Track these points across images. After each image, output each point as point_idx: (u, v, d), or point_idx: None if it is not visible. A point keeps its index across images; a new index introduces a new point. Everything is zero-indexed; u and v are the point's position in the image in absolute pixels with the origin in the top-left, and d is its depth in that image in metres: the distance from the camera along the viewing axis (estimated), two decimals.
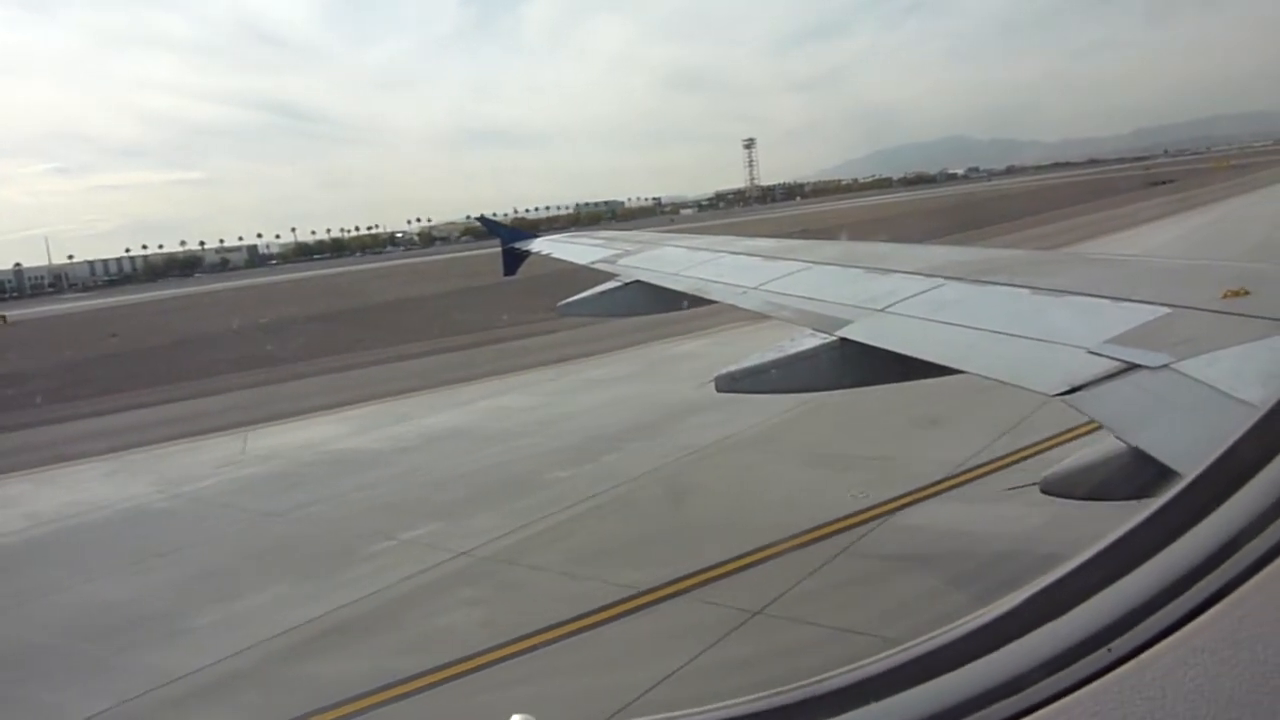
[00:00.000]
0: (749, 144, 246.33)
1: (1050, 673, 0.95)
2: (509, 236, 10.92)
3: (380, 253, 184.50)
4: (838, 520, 7.76)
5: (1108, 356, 2.77)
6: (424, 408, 15.74)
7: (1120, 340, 2.85)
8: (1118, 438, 2.42)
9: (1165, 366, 2.54)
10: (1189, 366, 2.46)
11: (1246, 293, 2.85)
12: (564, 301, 7.71)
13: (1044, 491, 3.05)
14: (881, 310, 4.08)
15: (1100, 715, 0.90)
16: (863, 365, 3.93)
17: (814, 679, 1.08)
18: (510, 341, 23.58)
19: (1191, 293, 3.05)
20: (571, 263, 8.94)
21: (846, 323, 4.07)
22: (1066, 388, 2.69)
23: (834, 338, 4.00)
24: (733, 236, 8.33)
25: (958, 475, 8.66)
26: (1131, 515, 1.05)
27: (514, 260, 10.45)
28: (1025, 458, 8.89)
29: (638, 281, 6.96)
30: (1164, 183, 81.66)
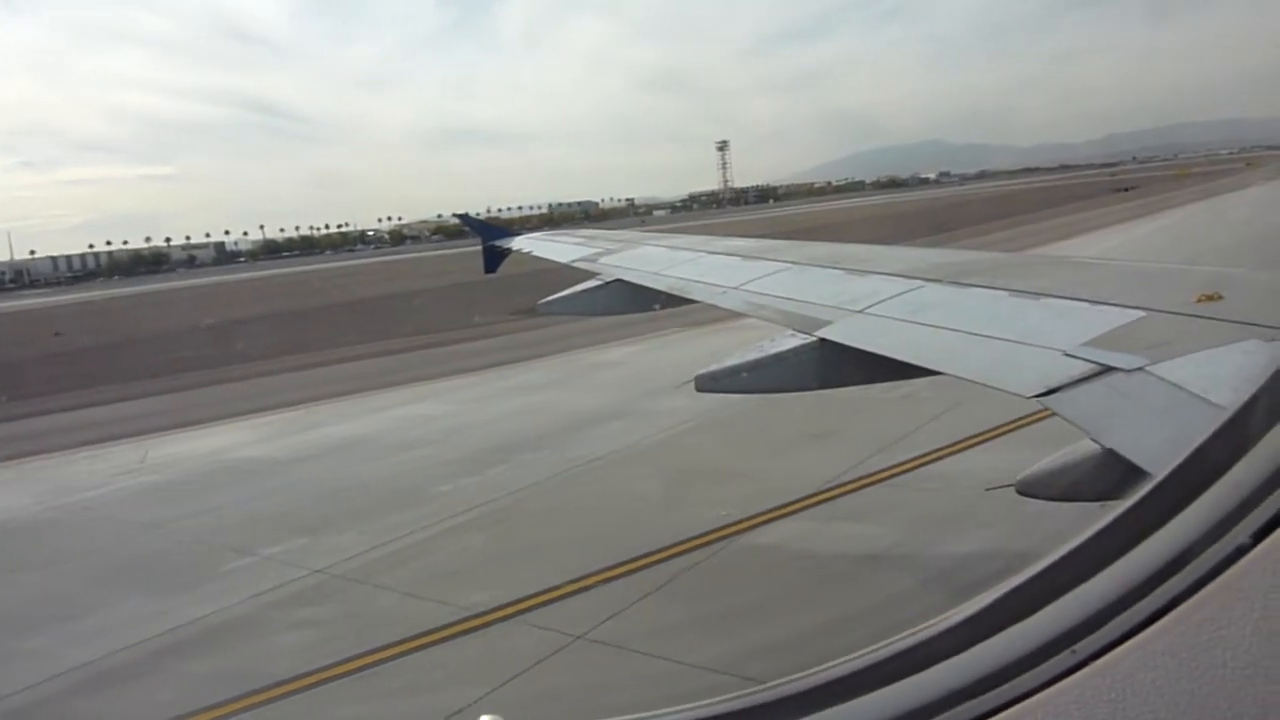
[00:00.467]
0: (722, 146, 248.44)
1: (1016, 674, 0.97)
2: (489, 234, 10.94)
3: (351, 251, 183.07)
4: (692, 539, 7.81)
5: (1083, 359, 2.80)
6: (339, 415, 15.83)
7: (1096, 343, 2.89)
8: (1092, 439, 2.45)
9: (1140, 369, 2.57)
10: (1163, 369, 2.49)
11: (1220, 296, 2.89)
12: (544, 300, 7.70)
13: (1020, 493, 3.06)
14: (860, 311, 4.09)
15: (1064, 715, 0.91)
16: (841, 366, 3.95)
17: (785, 679, 1.09)
18: (460, 344, 23.55)
19: (1166, 296, 3.09)
20: (551, 261, 8.92)
21: (826, 323, 4.09)
22: (1043, 389, 2.72)
23: (813, 338, 4.02)
24: (712, 236, 8.40)
25: (824, 491, 8.72)
26: (1098, 518, 1.06)
27: (494, 258, 10.48)
28: (889, 476, 9.03)
29: (618, 280, 6.96)
30: (1128, 189, 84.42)
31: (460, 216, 12.81)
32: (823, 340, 3.96)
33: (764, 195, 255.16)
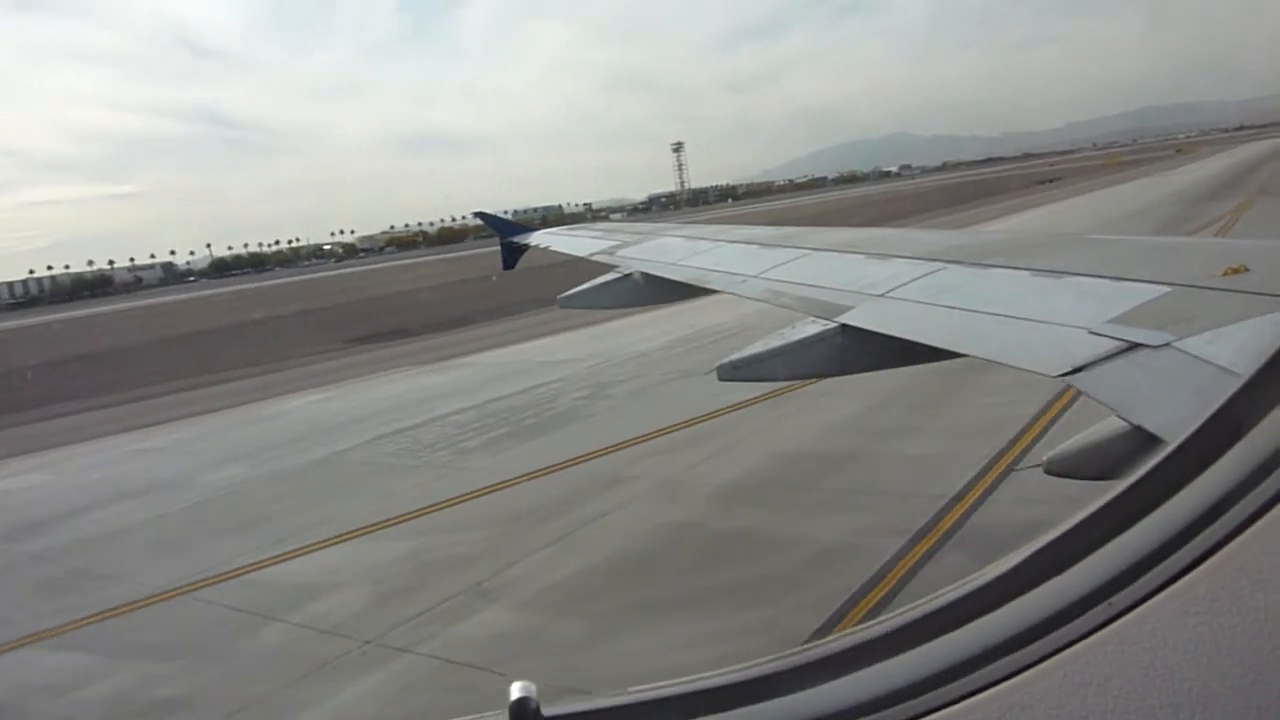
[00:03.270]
0: (677, 147, 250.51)
1: (1053, 628, 0.98)
2: (506, 231, 11.05)
3: (305, 266, 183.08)
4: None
5: (1109, 336, 2.77)
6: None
7: (1121, 320, 2.86)
8: (1120, 417, 2.42)
9: (1166, 345, 2.55)
10: (1190, 345, 2.47)
11: (1246, 269, 2.88)
12: (564, 294, 7.74)
13: (1047, 473, 3.06)
14: (881, 296, 4.09)
15: (1103, 666, 0.93)
16: (864, 351, 3.95)
17: (823, 640, 1.11)
18: (239, 381, 24.44)
19: (1191, 271, 3.08)
20: (570, 254, 8.97)
21: (847, 309, 4.08)
22: (1069, 368, 2.70)
23: (835, 324, 4.02)
24: (731, 226, 8.47)
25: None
26: (1132, 472, 1.10)
27: (512, 254, 10.57)
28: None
29: (637, 272, 7.01)
30: (1050, 181, 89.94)
31: (479, 214, 12.89)
32: (844, 326, 3.97)
33: (724, 195, 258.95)
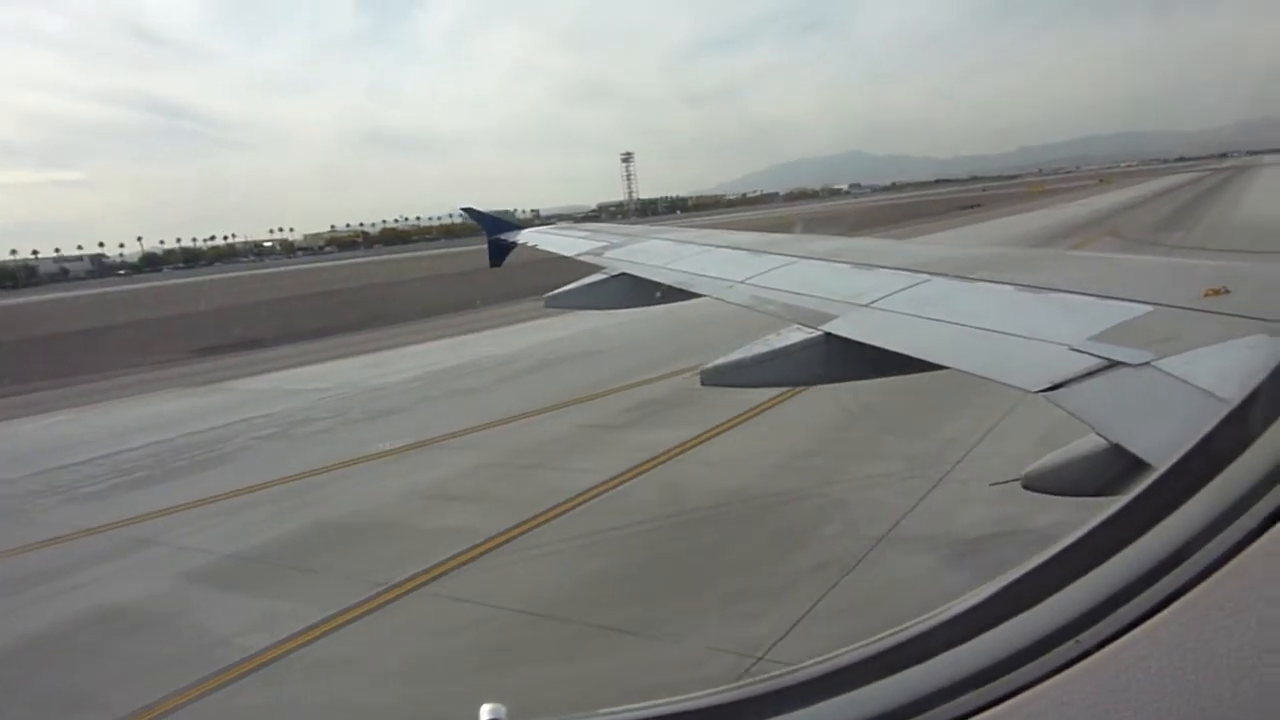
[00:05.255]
0: (626, 157, 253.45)
1: (1020, 664, 0.97)
2: (494, 228, 11.00)
3: (239, 263, 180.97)
4: None
5: (1090, 354, 2.80)
6: None
7: (1102, 338, 2.88)
8: (1098, 434, 2.45)
9: (1146, 364, 2.57)
10: (1170, 364, 2.50)
11: (1226, 291, 2.91)
12: (551, 294, 7.73)
13: (1025, 487, 3.07)
14: (867, 305, 4.12)
15: (1067, 705, 0.91)
16: (847, 360, 3.98)
17: (784, 670, 1.10)
18: (95, 383, 24.83)
19: (1173, 291, 3.11)
20: (557, 254, 8.92)
21: (832, 317, 4.11)
22: (1048, 384, 2.72)
23: (819, 332, 4.05)
24: (719, 230, 8.45)
25: None
26: (1101, 509, 1.08)
27: (500, 251, 10.56)
28: None
29: (624, 274, 6.98)
30: (972, 206, 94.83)
31: (466, 210, 12.98)
32: (829, 335, 4.01)
33: (673, 206, 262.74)
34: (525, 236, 10.43)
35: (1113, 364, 2.69)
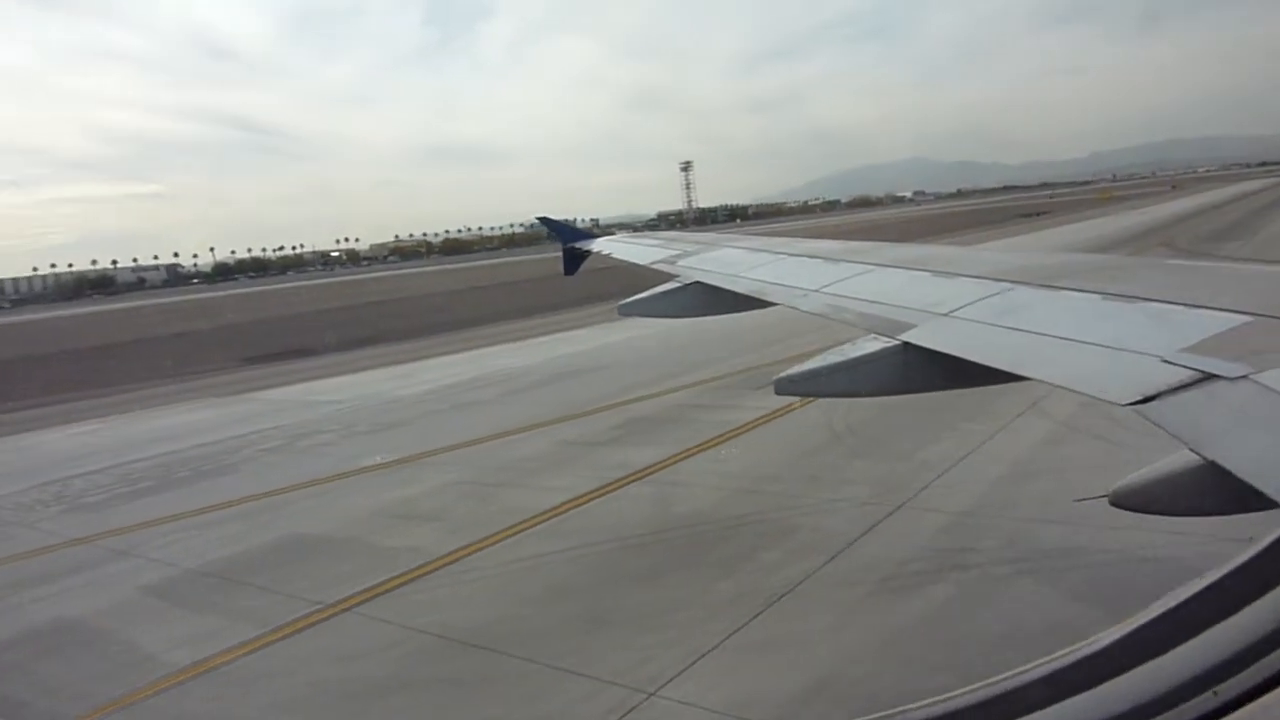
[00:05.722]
0: (685, 166, 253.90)
1: (1150, 715, 0.88)
2: (569, 236, 11.11)
3: (307, 272, 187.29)
4: None
5: (1183, 366, 2.68)
6: None
7: (1196, 349, 2.77)
8: (1192, 450, 2.31)
9: (1244, 377, 2.46)
10: (1269, 378, 2.39)
11: None
12: (624, 302, 7.76)
13: (1113, 504, 2.93)
14: (946, 315, 4.06)
15: None
16: (926, 370, 3.91)
17: (889, 712, 1.06)
18: (137, 392, 26.01)
19: (1272, 300, 3.01)
20: (631, 263, 8.96)
21: (910, 326, 4.06)
22: (1139, 397, 2.61)
23: (896, 342, 3.98)
24: (794, 239, 8.34)
25: None
26: (1241, 550, 1.01)
27: (574, 260, 10.67)
28: None
29: (697, 283, 6.99)
30: (1037, 214, 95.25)
31: (541, 219, 12.91)
32: (907, 344, 3.93)
33: (733, 215, 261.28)
34: (599, 245, 10.49)
35: (1207, 376, 2.56)
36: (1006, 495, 9.44)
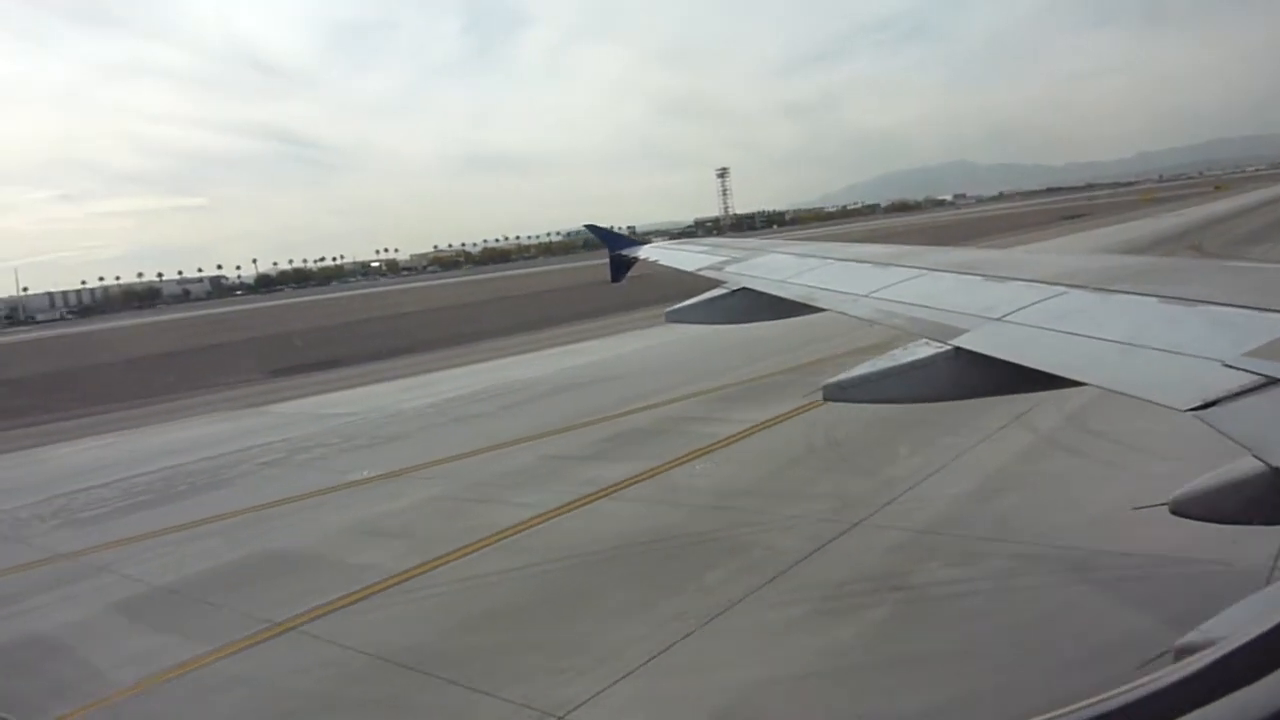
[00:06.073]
0: (722, 173, 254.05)
1: None
2: (616, 244, 11.20)
3: (346, 283, 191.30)
4: None
5: (1245, 370, 2.63)
6: None
7: (1259, 353, 2.72)
8: (1256, 457, 2.26)
9: None
10: None
11: None
12: (672, 308, 7.77)
13: (1173, 512, 2.87)
14: (999, 319, 4.02)
15: None
16: (979, 376, 3.88)
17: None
18: (166, 404, 26.68)
19: None
20: (677, 269, 9.01)
21: (962, 331, 4.02)
22: (1200, 403, 2.56)
23: (948, 347, 3.95)
24: (841, 244, 8.40)
25: None
26: None
27: (620, 267, 10.72)
28: None
29: (744, 289, 7.00)
30: (1076, 216, 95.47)
31: (589, 227, 13.04)
32: (959, 349, 3.89)
33: (770, 220, 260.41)
34: (646, 252, 10.54)
35: (1272, 381, 2.52)
36: (967, 512, 9.32)
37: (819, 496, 10.48)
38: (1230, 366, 2.66)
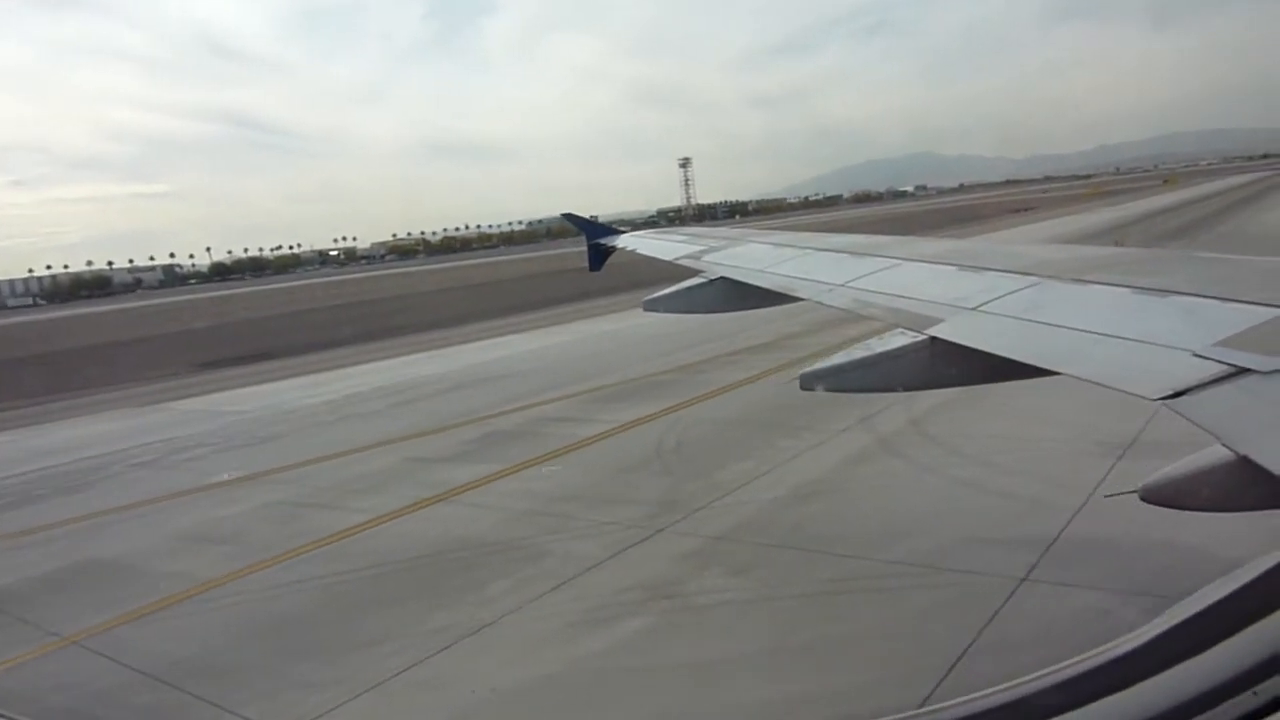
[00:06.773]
0: (684, 163, 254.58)
1: (1186, 716, 0.86)
2: (593, 233, 11.21)
3: (302, 272, 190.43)
4: None
5: (1215, 360, 2.68)
6: None
7: (1228, 343, 2.78)
8: (1225, 445, 2.30)
9: (1277, 371, 2.48)
10: None
11: None
12: (649, 298, 7.76)
13: (1144, 500, 2.84)
14: (974, 309, 4.10)
15: None
16: (953, 365, 3.93)
17: (927, 709, 1.12)
18: (74, 400, 26.13)
19: None
20: (656, 258, 9.03)
21: (938, 321, 4.09)
22: (1170, 392, 2.60)
23: (924, 336, 4.01)
24: (819, 234, 8.42)
25: None
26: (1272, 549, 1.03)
27: (599, 256, 10.73)
28: None
29: (722, 278, 7.04)
30: (1025, 210, 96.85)
31: (566, 216, 12.96)
32: (934, 339, 3.95)
33: (733, 211, 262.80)
34: (624, 241, 10.52)
35: (1241, 371, 2.56)
36: (769, 519, 9.70)
37: (640, 502, 10.80)
38: (1200, 356, 2.73)
